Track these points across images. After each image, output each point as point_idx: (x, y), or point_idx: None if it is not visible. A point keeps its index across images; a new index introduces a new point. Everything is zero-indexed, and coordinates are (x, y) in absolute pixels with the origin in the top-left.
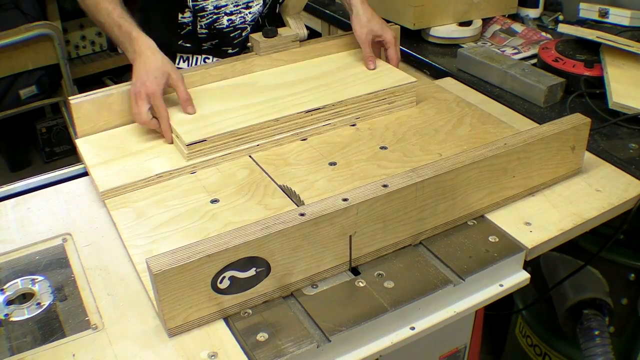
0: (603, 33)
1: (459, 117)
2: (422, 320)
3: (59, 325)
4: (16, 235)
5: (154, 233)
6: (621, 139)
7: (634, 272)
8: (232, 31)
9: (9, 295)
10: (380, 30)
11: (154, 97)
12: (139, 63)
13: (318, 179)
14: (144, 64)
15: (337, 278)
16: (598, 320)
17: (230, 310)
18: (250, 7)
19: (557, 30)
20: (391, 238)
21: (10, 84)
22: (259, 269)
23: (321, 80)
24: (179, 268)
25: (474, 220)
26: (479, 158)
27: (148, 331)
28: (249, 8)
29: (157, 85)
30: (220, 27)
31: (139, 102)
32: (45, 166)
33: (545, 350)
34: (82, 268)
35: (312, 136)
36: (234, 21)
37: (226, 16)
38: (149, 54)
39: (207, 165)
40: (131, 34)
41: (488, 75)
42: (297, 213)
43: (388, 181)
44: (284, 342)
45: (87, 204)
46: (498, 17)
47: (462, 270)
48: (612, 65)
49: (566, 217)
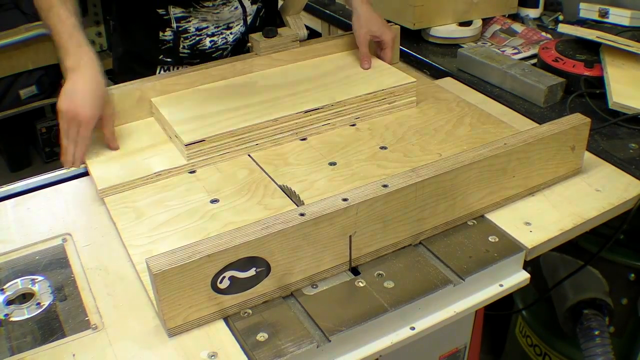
0: (603, 33)
1: (458, 117)
2: (422, 320)
3: (59, 325)
4: (16, 235)
5: (153, 233)
6: (621, 139)
7: (634, 272)
8: (214, 52)
9: (9, 295)
10: (378, 31)
11: (87, 126)
12: (78, 76)
13: (318, 179)
14: (77, 85)
15: (337, 278)
16: (598, 320)
17: (230, 310)
18: (232, 28)
19: (557, 30)
20: (391, 238)
21: (10, 84)
22: (259, 269)
23: (321, 80)
24: (178, 268)
25: (474, 220)
26: (479, 158)
27: (148, 331)
28: (230, 29)
29: (94, 111)
30: (202, 48)
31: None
32: (45, 166)
33: (545, 350)
34: (82, 268)
35: (312, 136)
36: (216, 42)
37: (208, 37)
38: (84, 73)
39: (206, 164)
40: (81, 44)
41: (488, 75)
42: (297, 213)
43: (388, 181)
44: (284, 342)
45: (87, 204)
46: (498, 17)
47: (462, 270)
48: (612, 65)
49: (566, 217)
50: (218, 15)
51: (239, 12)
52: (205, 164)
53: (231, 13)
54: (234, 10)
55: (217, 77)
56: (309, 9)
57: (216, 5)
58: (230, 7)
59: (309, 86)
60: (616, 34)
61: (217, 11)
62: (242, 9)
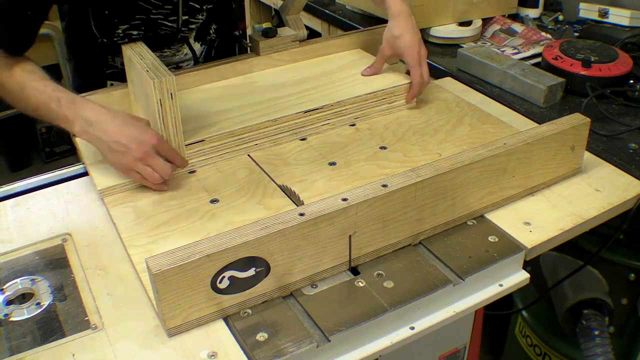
0: None
1: (458, 117)
2: (421, 320)
3: (59, 325)
4: (16, 235)
5: (153, 233)
6: (621, 139)
7: (634, 272)
8: None
9: (9, 295)
10: (402, 50)
11: (162, 144)
12: (105, 127)
13: (317, 179)
14: (114, 124)
15: (336, 278)
16: (598, 320)
17: (230, 310)
18: (181, 67)
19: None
20: (391, 238)
21: None
22: (259, 269)
23: (321, 80)
24: (178, 268)
25: (473, 220)
26: (479, 158)
27: (148, 331)
28: (179, 68)
29: (153, 133)
30: None
31: (153, 161)
32: (45, 166)
33: (545, 350)
34: (82, 268)
35: (312, 136)
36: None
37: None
38: (108, 113)
39: (206, 164)
40: (75, 101)
41: (488, 75)
42: (297, 213)
43: (388, 181)
44: (284, 342)
45: (87, 204)
46: (498, 17)
47: (462, 270)
48: None
49: (566, 217)
50: (166, 60)
51: (189, 56)
52: (205, 164)
53: (178, 57)
54: (183, 56)
55: (217, 77)
56: (309, 9)
57: (165, 56)
58: (180, 55)
59: (309, 86)
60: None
61: (166, 60)
62: (192, 53)
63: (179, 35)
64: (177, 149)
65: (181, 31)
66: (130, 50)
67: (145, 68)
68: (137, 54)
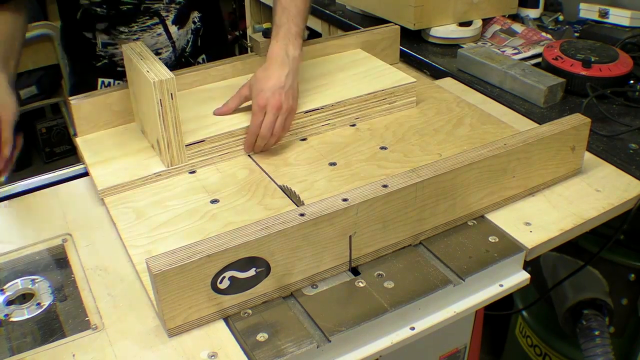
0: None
1: (458, 117)
2: (422, 321)
3: (59, 325)
4: (16, 235)
5: (153, 233)
6: (621, 140)
7: (634, 272)
8: None
9: (9, 295)
10: (254, 93)
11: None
12: None
13: (318, 179)
14: None
15: (337, 278)
16: (598, 320)
17: (230, 311)
18: (160, 54)
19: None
20: (391, 238)
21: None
22: (259, 269)
23: (321, 80)
24: (178, 268)
25: (474, 220)
26: (479, 158)
27: (148, 331)
28: (159, 54)
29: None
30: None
31: None
32: (45, 166)
33: (545, 350)
34: (82, 268)
35: (312, 136)
36: None
37: None
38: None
39: (206, 164)
40: None
41: (488, 75)
42: (297, 213)
43: (388, 181)
44: (284, 342)
45: (87, 204)
46: (498, 17)
47: (462, 271)
48: None
49: (566, 217)
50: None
51: (163, 37)
52: (205, 164)
53: (154, 39)
54: (156, 36)
55: (217, 77)
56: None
57: (133, 31)
58: (151, 34)
59: (309, 86)
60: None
61: (136, 37)
62: (166, 35)
63: (142, 6)
64: (177, 149)
65: (143, 2)
66: (130, 50)
67: (145, 68)
68: (137, 54)
